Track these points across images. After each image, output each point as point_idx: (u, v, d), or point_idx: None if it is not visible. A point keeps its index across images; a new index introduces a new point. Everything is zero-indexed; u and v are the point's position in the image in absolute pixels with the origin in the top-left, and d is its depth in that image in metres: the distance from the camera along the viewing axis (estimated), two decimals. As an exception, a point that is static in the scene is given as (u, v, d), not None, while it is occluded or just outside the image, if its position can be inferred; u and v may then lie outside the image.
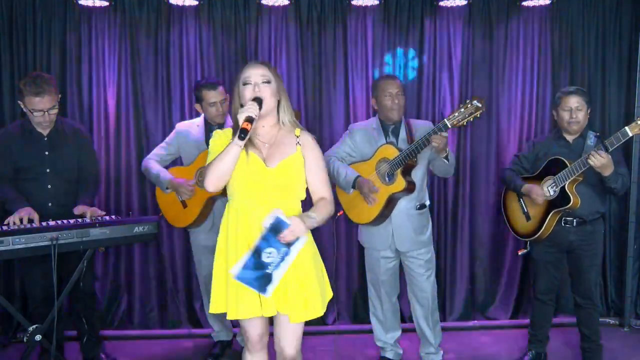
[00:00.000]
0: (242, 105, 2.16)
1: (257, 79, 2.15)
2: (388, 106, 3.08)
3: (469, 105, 2.84)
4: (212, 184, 2.12)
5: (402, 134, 3.12)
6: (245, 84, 2.17)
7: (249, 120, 2.05)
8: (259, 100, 2.12)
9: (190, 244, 3.45)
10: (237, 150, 2.08)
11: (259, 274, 2.09)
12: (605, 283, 4.05)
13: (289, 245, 2.09)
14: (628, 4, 3.92)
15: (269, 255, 2.09)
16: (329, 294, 2.31)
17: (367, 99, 3.95)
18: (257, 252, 2.09)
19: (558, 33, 3.95)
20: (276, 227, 2.06)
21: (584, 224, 3.07)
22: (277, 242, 2.08)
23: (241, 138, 2.04)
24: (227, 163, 2.08)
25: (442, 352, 3.33)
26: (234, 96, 2.22)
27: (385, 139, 3.12)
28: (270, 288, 2.10)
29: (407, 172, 3.01)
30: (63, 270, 2.90)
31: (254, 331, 2.27)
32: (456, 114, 2.85)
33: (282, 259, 2.10)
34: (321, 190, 2.25)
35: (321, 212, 2.20)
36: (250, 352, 2.32)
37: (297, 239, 2.10)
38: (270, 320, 2.30)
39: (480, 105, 2.82)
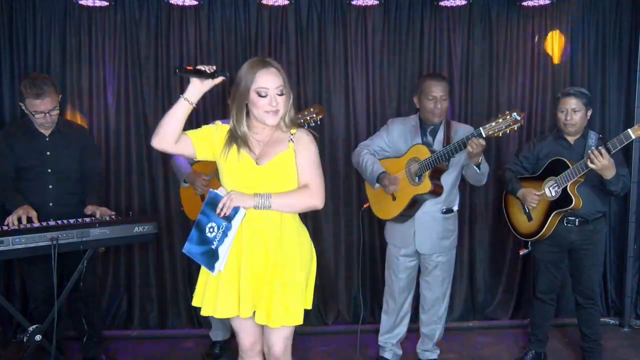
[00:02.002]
0: (247, 113, 2.15)
1: (272, 92, 2.10)
2: (429, 109, 3.01)
3: (507, 117, 2.73)
4: (156, 140, 2.10)
5: (440, 135, 3.07)
6: (260, 95, 2.10)
7: (196, 70, 2.05)
8: (222, 72, 2.10)
9: None
10: (185, 107, 2.07)
11: (204, 249, 2.12)
12: (605, 283, 4.04)
13: (229, 219, 2.08)
14: (628, 4, 3.92)
15: (211, 231, 2.11)
16: (307, 304, 2.24)
17: (367, 99, 3.95)
18: (198, 227, 2.13)
19: (558, 33, 3.95)
20: (213, 201, 2.09)
21: (586, 223, 3.07)
22: (216, 217, 2.09)
23: (177, 71, 2.05)
24: (172, 118, 2.07)
25: (438, 350, 3.33)
26: (237, 98, 2.14)
27: (422, 139, 3.08)
28: (218, 265, 2.10)
29: (435, 176, 2.98)
30: (64, 270, 2.90)
31: (246, 338, 2.26)
32: (493, 124, 2.76)
33: (225, 234, 2.10)
34: (304, 180, 2.16)
35: (287, 195, 2.12)
36: (242, 359, 2.30)
37: (236, 212, 2.07)
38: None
39: (519, 118, 2.70)
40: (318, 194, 2.16)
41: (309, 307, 2.26)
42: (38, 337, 2.69)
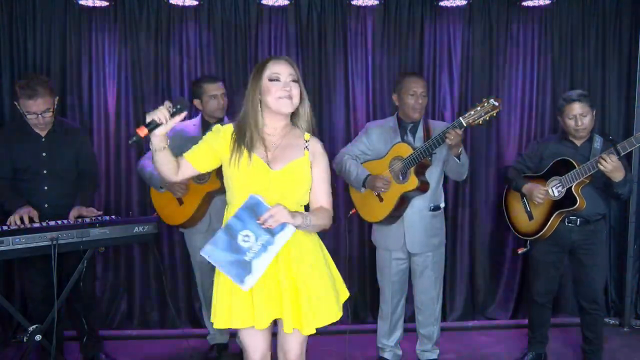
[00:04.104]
0: (260, 102, 2.07)
1: (286, 77, 2.06)
2: (410, 105, 3.03)
3: (485, 104, 2.77)
4: (162, 177, 2.14)
5: (420, 132, 3.10)
6: (272, 80, 2.05)
7: (151, 126, 1.95)
8: (179, 108, 2.00)
9: (186, 246, 3.44)
10: (158, 155, 2.03)
11: (234, 259, 1.94)
12: (606, 283, 4.03)
13: (272, 233, 1.95)
14: (628, 4, 3.92)
15: (246, 240, 1.95)
16: (344, 294, 2.26)
17: (367, 99, 3.95)
18: (229, 231, 1.96)
19: (558, 33, 3.95)
20: (252, 208, 1.93)
21: (587, 224, 3.06)
22: (256, 225, 1.93)
23: (130, 140, 1.98)
24: (157, 165, 2.07)
25: (438, 350, 3.33)
26: (251, 92, 2.08)
27: (403, 137, 3.09)
28: (250, 279, 1.94)
29: (420, 172, 2.99)
30: (63, 271, 2.90)
31: (256, 353, 2.15)
32: (472, 113, 2.79)
33: (264, 248, 1.94)
34: (321, 200, 2.13)
35: (318, 218, 2.07)
36: None
37: (282, 228, 1.96)
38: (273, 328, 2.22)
39: (497, 104, 2.74)
40: (331, 216, 2.16)
41: (345, 295, 2.26)
42: (38, 337, 2.68)
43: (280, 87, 2.05)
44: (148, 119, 1.97)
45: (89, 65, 3.81)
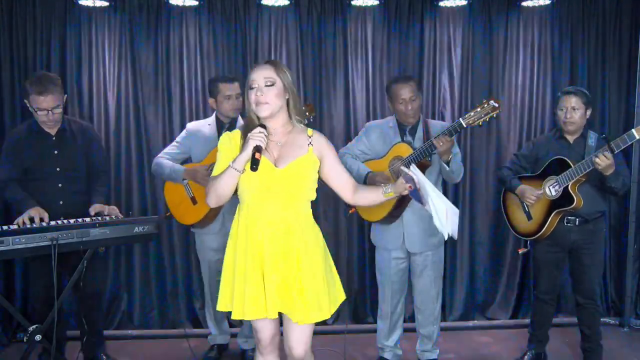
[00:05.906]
0: (242, 113, 2.20)
1: (260, 82, 2.13)
2: (402, 112, 3.05)
3: (485, 105, 2.79)
4: (213, 202, 2.18)
5: (419, 132, 3.10)
6: (251, 88, 2.15)
7: (259, 150, 2.06)
8: (264, 126, 2.13)
9: (196, 245, 3.44)
10: (236, 176, 2.10)
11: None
12: (605, 283, 4.04)
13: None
14: (628, 4, 3.93)
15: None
16: (341, 297, 2.31)
17: (367, 99, 3.95)
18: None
19: (558, 33, 3.95)
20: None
21: (586, 223, 3.06)
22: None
23: (253, 169, 2.05)
24: (225, 186, 2.12)
25: (438, 350, 3.33)
26: (246, 98, 2.22)
27: (402, 137, 3.10)
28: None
29: (420, 171, 2.99)
30: (66, 271, 2.90)
31: (265, 333, 2.26)
32: (472, 114, 2.81)
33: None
34: (350, 182, 2.30)
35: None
36: (261, 354, 2.30)
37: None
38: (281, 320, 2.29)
39: (497, 105, 2.77)
40: None
41: (343, 297, 2.32)
42: (38, 337, 2.68)
43: (253, 93, 2.14)
44: (253, 145, 2.07)
45: (89, 65, 3.81)
